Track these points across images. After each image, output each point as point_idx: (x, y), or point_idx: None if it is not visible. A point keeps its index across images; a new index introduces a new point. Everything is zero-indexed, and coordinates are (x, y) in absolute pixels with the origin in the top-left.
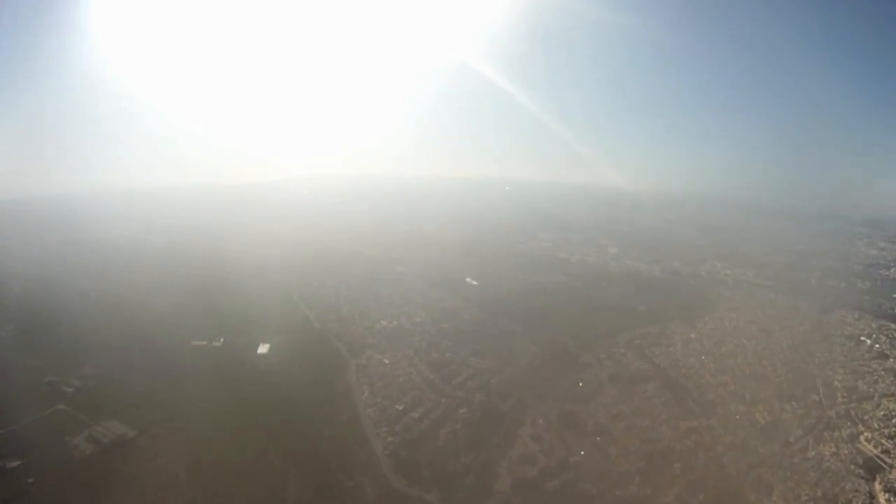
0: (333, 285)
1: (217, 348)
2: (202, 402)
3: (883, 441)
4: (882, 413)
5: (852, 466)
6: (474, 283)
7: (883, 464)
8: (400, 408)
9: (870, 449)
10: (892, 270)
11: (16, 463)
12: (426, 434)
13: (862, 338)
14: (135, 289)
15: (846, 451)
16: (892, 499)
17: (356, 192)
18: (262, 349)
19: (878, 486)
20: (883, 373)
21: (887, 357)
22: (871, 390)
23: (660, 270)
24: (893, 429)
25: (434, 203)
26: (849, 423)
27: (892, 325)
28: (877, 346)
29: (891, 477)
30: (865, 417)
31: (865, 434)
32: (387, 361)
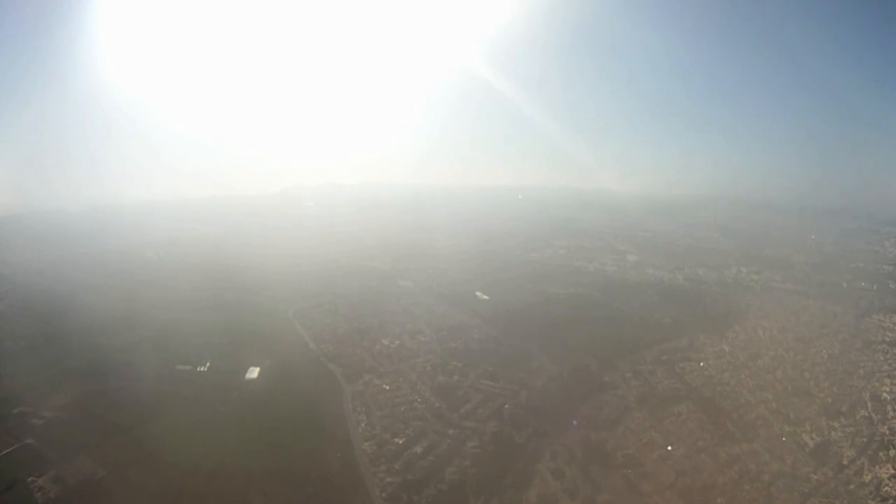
0: (332, 301)
1: (202, 374)
2: (179, 438)
3: None
4: None
5: None
6: (485, 297)
7: None
8: (400, 442)
9: None
10: None
11: None
12: (430, 473)
13: None
14: (123, 307)
15: None
16: None
17: (364, 201)
18: (251, 374)
19: None
20: None
21: None
22: None
23: (683, 278)
24: None
25: (444, 211)
26: None
27: None
28: None
29: None
30: None
31: None
32: (387, 387)
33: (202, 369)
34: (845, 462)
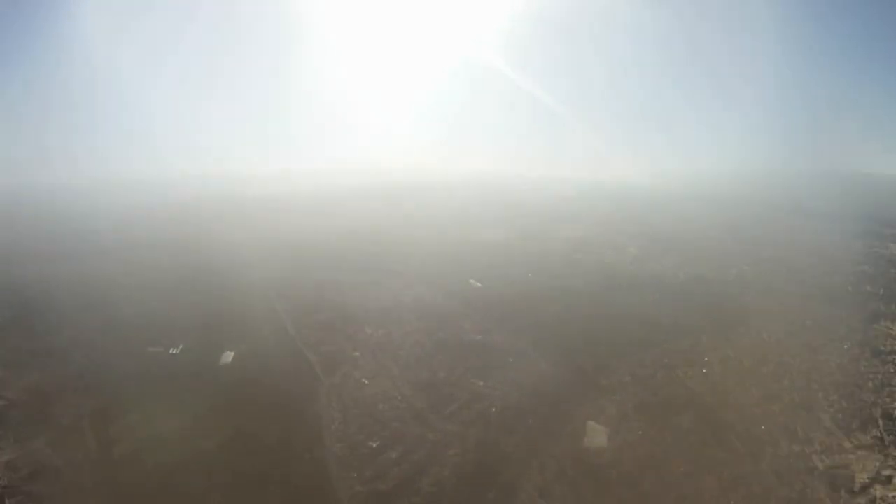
0: (318, 285)
1: (173, 357)
2: (140, 427)
3: None
4: None
5: None
6: (478, 285)
7: None
8: (375, 445)
9: None
10: None
11: None
12: (404, 483)
13: None
14: (101, 285)
15: None
16: None
17: (363, 185)
18: (225, 359)
19: None
20: None
21: None
22: None
23: (684, 275)
24: None
25: (444, 198)
26: None
27: None
28: None
29: None
30: None
31: None
32: (366, 381)
33: (174, 352)
34: (857, 489)
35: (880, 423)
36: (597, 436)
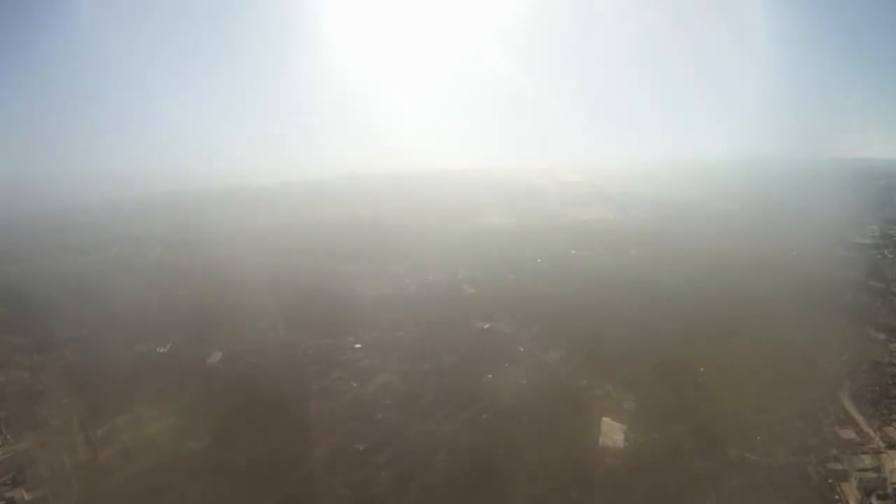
0: (310, 285)
1: (161, 355)
2: (127, 429)
3: None
4: None
5: None
6: (472, 290)
7: None
8: (362, 449)
9: None
10: None
11: None
12: (391, 489)
13: None
14: (98, 281)
15: None
16: None
17: (362, 183)
18: (213, 358)
19: None
20: None
21: None
22: None
23: (682, 278)
24: None
25: (444, 198)
26: None
27: None
28: None
29: None
30: None
31: None
32: (355, 384)
33: (162, 350)
34: (852, 503)
35: (877, 436)
36: (615, 434)
